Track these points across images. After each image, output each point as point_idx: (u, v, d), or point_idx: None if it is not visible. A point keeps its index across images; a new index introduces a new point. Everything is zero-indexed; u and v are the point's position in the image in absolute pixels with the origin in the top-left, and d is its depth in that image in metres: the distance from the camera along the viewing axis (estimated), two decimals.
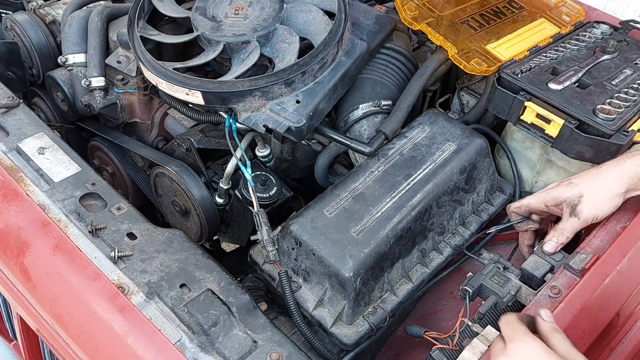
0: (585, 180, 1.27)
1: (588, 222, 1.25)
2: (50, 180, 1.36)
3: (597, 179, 1.26)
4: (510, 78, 1.48)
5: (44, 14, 1.82)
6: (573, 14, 1.82)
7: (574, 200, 1.25)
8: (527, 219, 1.38)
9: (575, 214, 1.24)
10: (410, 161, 1.42)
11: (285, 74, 1.37)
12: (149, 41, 1.51)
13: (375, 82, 1.60)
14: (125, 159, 1.79)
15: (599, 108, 1.41)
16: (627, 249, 1.23)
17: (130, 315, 1.13)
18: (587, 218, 1.24)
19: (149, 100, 1.75)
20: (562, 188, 1.28)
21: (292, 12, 1.51)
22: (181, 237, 1.32)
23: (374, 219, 1.29)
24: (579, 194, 1.25)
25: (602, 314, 1.15)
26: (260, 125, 1.36)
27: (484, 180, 1.51)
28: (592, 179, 1.26)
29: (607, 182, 1.25)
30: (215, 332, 1.14)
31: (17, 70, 1.78)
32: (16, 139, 1.43)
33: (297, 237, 1.27)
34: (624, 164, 1.26)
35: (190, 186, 1.49)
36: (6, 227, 1.26)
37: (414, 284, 1.36)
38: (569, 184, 1.28)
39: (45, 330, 1.21)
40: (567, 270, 1.19)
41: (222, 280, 1.24)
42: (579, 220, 1.24)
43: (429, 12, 1.69)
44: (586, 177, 1.28)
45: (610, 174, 1.25)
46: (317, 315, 1.27)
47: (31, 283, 1.21)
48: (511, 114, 1.48)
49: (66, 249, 1.22)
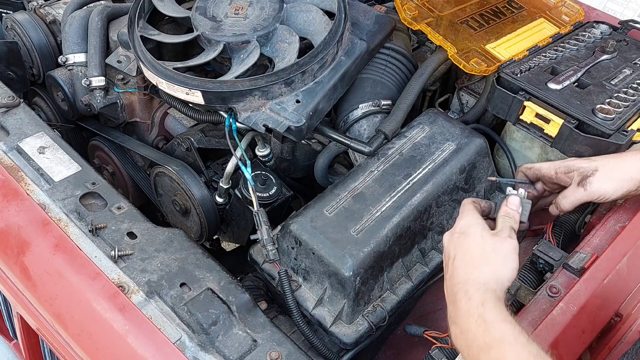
0: (604, 158, 1.27)
1: (593, 197, 1.23)
2: (50, 179, 1.36)
3: (616, 159, 1.26)
4: (509, 78, 1.49)
5: (45, 13, 1.83)
6: (572, 14, 1.82)
7: (587, 172, 1.24)
8: (530, 183, 1.36)
9: (583, 184, 1.23)
10: (409, 161, 1.42)
11: (285, 74, 1.37)
12: (149, 41, 1.51)
13: (375, 82, 1.60)
14: (126, 158, 1.79)
15: (598, 108, 1.41)
16: (627, 249, 1.23)
17: (130, 314, 1.13)
18: (594, 192, 1.23)
19: (149, 99, 1.76)
20: (578, 160, 1.28)
21: (292, 12, 1.52)
22: (181, 236, 1.32)
23: (373, 218, 1.30)
24: (594, 168, 1.25)
25: (601, 313, 1.15)
26: (260, 124, 1.36)
27: (484, 180, 1.52)
28: (612, 159, 1.27)
29: (625, 164, 1.25)
30: (215, 331, 1.15)
31: (17, 70, 1.78)
32: (16, 139, 1.43)
33: (296, 236, 1.28)
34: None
35: (190, 185, 1.49)
36: (6, 227, 1.26)
37: (413, 283, 1.36)
38: (586, 159, 1.28)
39: (45, 329, 1.21)
40: (566, 270, 1.20)
41: (222, 279, 1.24)
42: (585, 191, 1.23)
43: (429, 12, 1.70)
44: (605, 156, 1.29)
45: (630, 158, 1.25)
46: (317, 315, 1.28)
47: (31, 282, 1.21)
48: (510, 114, 1.49)
49: (66, 248, 1.22)
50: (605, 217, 1.32)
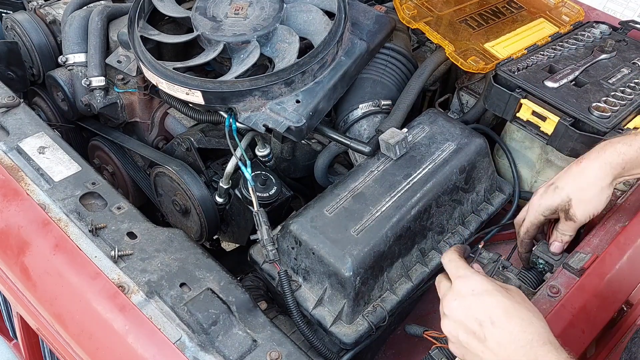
0: (569, 182, 1.22)
1: (585, 221, 1.23)
2: (50, 179, 1.36)
3: (580, 178, 1.21)
4: (506, 75, 1.49)
5: (45, 13, 1.83)
6: (572, 14, 1.82)
7: (565, 206, 1.21)
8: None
9: (569, 217, 1.22)
10: (409, 161, 1.42)
11: (285, 74, 1.37)
12: (149, 41, 1.51)
13: (375, 82, 1.60)
14: (126, 158, 1.79)
15: (594, 106, 1.41)
16: (626, 249, 1.23)
17: (130, 314, 1.13)
18: (583, 218, 1.22)
19: (149, 99, 1.76)
20: (550, 196, 1.23)
21: (292, 12, 1.52)
22: (181, 236, 1.32)
23: (373, 218, 1.30)
24: (567, 199, 1.21)
25: (600, 313, 1.15)
26: (260, 124, 1.36)
27: (484, 180, 1.52)
28: (575, 180, 1.21)
29: (590, 179, 1.19)
30: (215, 331, 1.15)
31: (17, 70, 1.78)
32: (16, 139, 1.43)
33: (296, 236, 1.28)
34: (604, 155, 1.20)
35: (190, 185, 1.49)
36: (6, 227, 1.26)
37: (413, 283, 1.36)
38: (555, 189, 1.23)
39: (45, 329, 1.21)
40: (566, 270, 1.20)
41: (222, 279, 1.24)
42: (575, 222, 1.22)
43: (428, 12, 1.70)
44: (568, 178, 1.22)
45: (591, 170, 1.20)
46: (317, 315, 1.28)
47: (31, 282, 1.21)
48: (507, 111, 1.49)
49: (66, 248, 1.22)
50: (605, 217, 1.32)
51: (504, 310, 0.92)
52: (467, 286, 0.97)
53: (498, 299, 0.93)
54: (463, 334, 0.94)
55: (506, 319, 0.91)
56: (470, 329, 0.93)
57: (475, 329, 0.93)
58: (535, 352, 0.88)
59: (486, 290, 0.95)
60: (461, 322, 0.95)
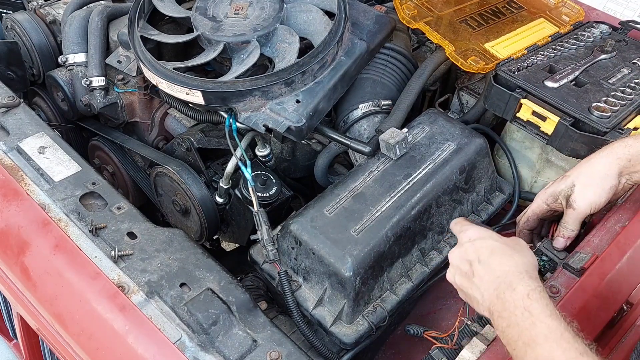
0: (575, 170, 1.26)
1: (585, 210, 1.23)
2: (50, 179, 1.36)
3: (586, 166, 1.25)
4: (507, 75, 1.49)
5: (45, 13, 1.83)
6: (573, 14, 1.82)
7: (567, 191, 1.24)
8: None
9: (570, 204, 1.23)
10: (409, 161, 1.42)
11: (285, 74, 1.37)
12: (149, 41, 1.51)
13: (375, 82, 1.60)
14: (126, 158, 1.79)
15: (594, 106, 1.41)
16: (626, 249, 1.23)
17: (130, 314, 1.13)
18: (582, 206, 1.22)
19: (149, 99, 1.76)
20: (557, 183, 1.28)
21: (292, 12, 1.52)
22: (181, 236, 1.32)
23: (373, 218, 1.30)
24: (571, 184, 1.24)
25: (601, 313, 1.15)
26: (260, 125, 1.36)
27: (484, 180, 1.52)
28: (581, 168, 1.26)
29: (595, 167, 1.23)
30: (215, 331, 1.15)
31: (17, 70, 1.78)
32: (16, 139, 1.43)
33: (296, 236, 1.28)
34: (611, 147, 1.24)
35: (190, 185, 1.49)
36: (6, 227, 1.26)
37: (413, 283, 1.36)
38: (562, 177, 1.27)
39: (45, 329, 1.21)
40: (566, 270, 1.20)
41: (222, 279, 1.24)
42: (574, 210, 1.23)
43: (428, 12, 1.70)
44: (577, 167, 1.27)
45: (598, 159, 1.24)
46: (317, 315, 1.28)
47: (31, 282, 1.21)
48: (507, 111, 1.49)
49: (66, 248, 1.22)
50: (605, 217, 1.32)
51: (491, 249, 1.04)
52: (466, 236, 1.10)
53: (488, 242, 1.05)
54: (459, 277, 1.08)
55: (489, 256, 1.02)
56: (463, 270, 1.06)
57: (466, 270, 1.05)
58: (510, 280, 0.97)
59: (480, 236, 1.07)
60: (457, 266, 1.08)
